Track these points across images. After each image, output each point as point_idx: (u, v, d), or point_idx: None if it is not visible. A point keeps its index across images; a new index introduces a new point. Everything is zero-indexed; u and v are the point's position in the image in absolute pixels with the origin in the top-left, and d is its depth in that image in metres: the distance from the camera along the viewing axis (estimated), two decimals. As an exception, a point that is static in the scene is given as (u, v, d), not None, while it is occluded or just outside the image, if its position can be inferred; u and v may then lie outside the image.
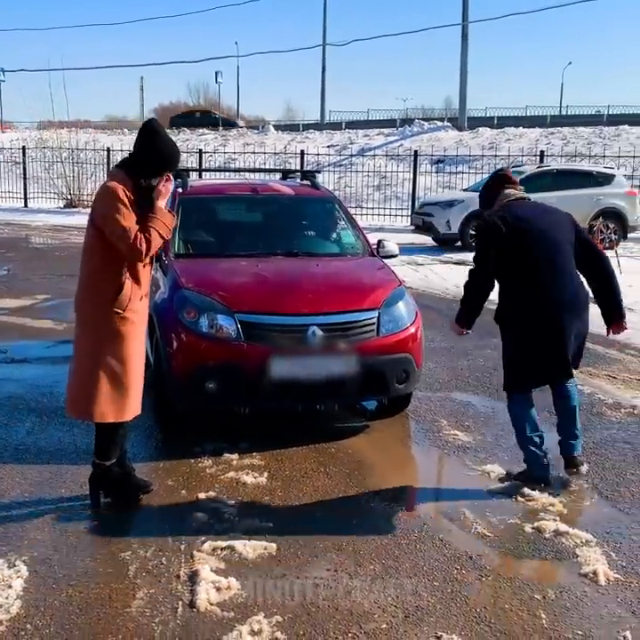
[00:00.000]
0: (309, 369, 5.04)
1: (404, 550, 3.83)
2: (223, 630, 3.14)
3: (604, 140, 27.14)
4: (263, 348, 4.97)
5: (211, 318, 5.07)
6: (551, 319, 4.38)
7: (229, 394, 5.04)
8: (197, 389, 5.00)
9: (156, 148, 3.98)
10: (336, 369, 5.08)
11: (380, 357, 5.16)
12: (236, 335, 5.01)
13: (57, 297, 10.55)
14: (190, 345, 5.07)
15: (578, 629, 3.20)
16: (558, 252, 4.46)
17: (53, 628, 3.16)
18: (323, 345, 5.04)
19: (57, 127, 27.74)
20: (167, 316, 5.27)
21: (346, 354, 5.08)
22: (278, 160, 25.25)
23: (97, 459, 4.25)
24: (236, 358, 4.98)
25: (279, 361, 4.96)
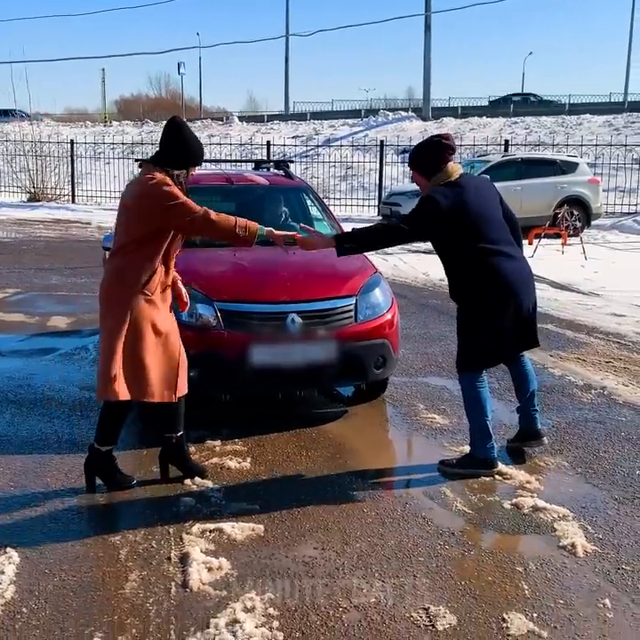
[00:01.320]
0: (289, 356, 5.11)
1: (389, 528, 3.93)
2: (217, 608, 3.21)
3: (566, 128, 27.53)
4: (243, 335, 5.04)
5: (190, 307, 5.10)
6: (509, 290, 4.42)
7: (210, 381, 5.09)
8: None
9: (187, 143, 4.16)
10: (315, 355, 5.16)
11: (357, 343, 5.25)
12: (215, 323, 5.07)
13: (27, 290, 10.51)
14: None
15: (559, 598, 3.32)
16: (501, 224, 4.52)
17: (49, 610, 3.21)
18: (302, 332, 5.12)
19: (19, 120, 27.38)
20: None
21: (324, 340, 5.17)
22: (244, 151, 25.25)
23: (97, 444, 4.30)
24: (216, 346, 5.03)
25: (259, 348, 5.03)
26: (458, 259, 4.48)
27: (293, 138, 28.95)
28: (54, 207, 23.00)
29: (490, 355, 4.60)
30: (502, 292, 4.42)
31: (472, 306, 4.51)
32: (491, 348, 4.54)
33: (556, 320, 8.72)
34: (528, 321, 4.59)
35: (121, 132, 32.78)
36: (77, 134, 29.80)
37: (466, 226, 4.36)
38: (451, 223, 4.33)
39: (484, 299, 4.43)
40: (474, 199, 4.42)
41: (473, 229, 4.38)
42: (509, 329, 4.49)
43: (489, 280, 4.40)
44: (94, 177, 24.14)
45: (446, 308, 9.37)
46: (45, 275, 11.83)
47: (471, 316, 4.54)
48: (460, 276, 4.52)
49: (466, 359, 4.64)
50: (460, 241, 4.40)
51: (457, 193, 4.36)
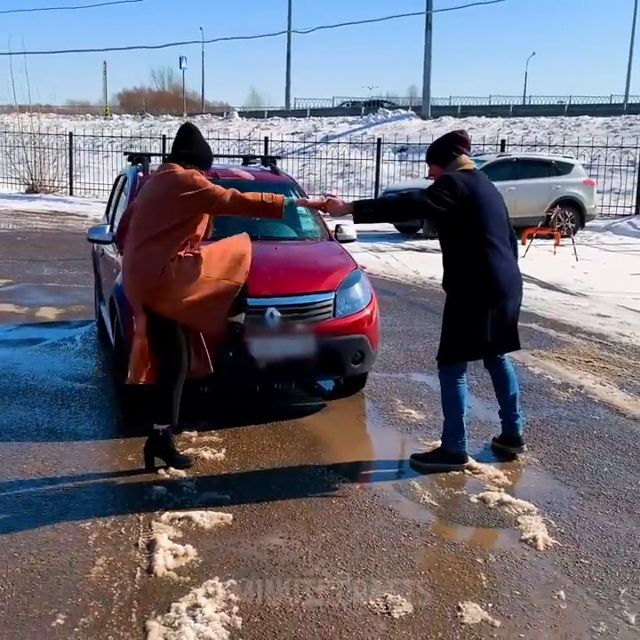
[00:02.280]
0: (267, 349, 5.17)
1: (355, 519, 4.00)
2: (179, 593, 3.28)
3: (564, 129, 27.56)
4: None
5: None
6: (498, 290, 4.49)
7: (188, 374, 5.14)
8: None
9: (207, 146, 4.72)
10: (293, 349, 5.23)
11: (335, 338, 5.32)
12: None
13: (18, 281, 10.58)
14: None
15: (516, 590, 3.40)
16: (503, 223, 4.61)
17: (15, 592, 3.28)
18: (280, 326, 5.18)
19: (18, 112, 27.43)
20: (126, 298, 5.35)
21: (303, 334, 5.23)
22: (242, 147, 25.30)
23: (158, 423, 4.51)
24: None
25: (237, 341, 5.09)
26: (459, 246, 4.55)
27: (292, 134, 29.02)
28: (52, 199, 23.06)
29: (468, 349, 4.65)
30: (492, 287, 4.49)
31: (460, 296, 4.57)
32: (470, 342, 4.59)
33: (541, 319, 8.79)
34: (510, 324, 4.65)
35: (121, 125, 32.85)
36: (77, 127, 29.85)
37: (474, 213, 4.45)
38: (462, 206, 4.40)
39: (474, 290, 4.50)
40: (486, 190, 4.54)
41: (480, 218, 4.46)
42: (491, 327, 4.54)
43: (482, 272, 4.47)
44: (92, 170, 24.19)
45: (433, 306, 9.45)
46: (38, 266, 11.90)
47: (457, 308, 4.61)
48: (456, 263, 4.57)
49: (445, 351, 4.70)
50: (466, 227, 4.47)
51: (471, 180, 4.48)
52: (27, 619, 3.10)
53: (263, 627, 3.08)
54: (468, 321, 4.54)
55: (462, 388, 4.71)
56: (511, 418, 4.89)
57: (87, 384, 6.09)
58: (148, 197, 4.51)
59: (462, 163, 4.57)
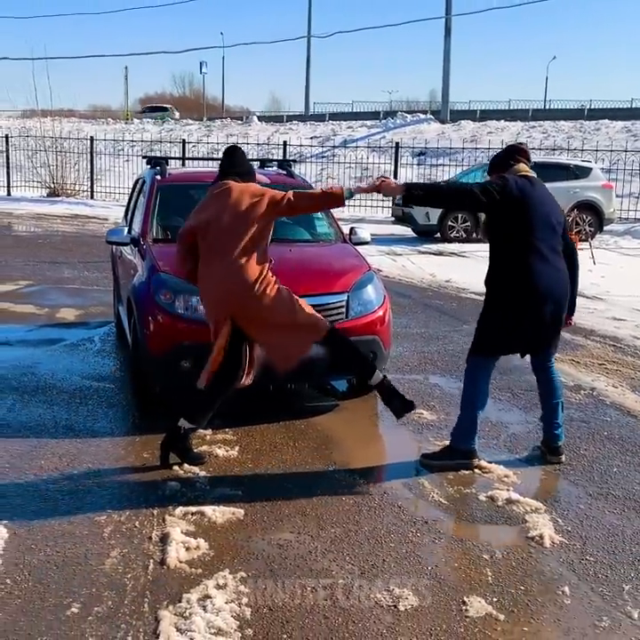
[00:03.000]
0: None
1: (364, 516, 4.07)
2: (190, 584, 3.37)
3: (584, 134, 27.50)
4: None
5: (186, 300, 5.28)
6: (536, 294, 4.51)
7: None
8: (173, 368, 5.21)
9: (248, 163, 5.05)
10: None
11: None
12: None
13: (39, 283, 10.74)
14: (166, 325, 5.29)
15: (520, 585, 3.45)
16: (554, 231, 4.63)
17: (31, 582, 3.38)
18: None
19: (40, 116, 27.75)
20: (144, 297, 5.47)
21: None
22: (261, 151, 25.42)
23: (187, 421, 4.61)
24: (209, 338, 5.17)
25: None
26: (503, 246, 4.61)
27: (311, 138, 29.15)
28: (73, 202, 23.33)
29: (498, 343, 4.68)
30: (529, 290, 4.52)
31: (499, 294, 4.61)
32: (502, 337, 4.63)
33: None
34: (548, 327, 4.65)
35: (141, 129, 33.13)
36: (98, 131, 30.12)
37: (521, 215, 4.49)
38: (507, 205, 4.47)
39: (511, 291, 4.55)
40: (538, 196, 4.58)
41: (527, 221, 4.50)
42: (525, 328, 4.58)
43: (521, 275, 4.52)
44: (113, 173, 24.43)
45: (448, 309, 9.51)
46: (59, 268, 12.07)
47: (494, 304, 4.65)
48: (499, 263, 4.63)
49: (477, 341, 4.75)
50: (511, 228, 4.53)
51: (525, 184, 4.54)
52: (42, 607, 3.20)
53: (271, 617, 3.16)
54: (503, 318, 4.59)
55: (485, 387, 4.77)
56: (552, 427, 4.87)
57: (105, 383, 6.21)
58: (221, 212, 4.59)
59: (520, 170, 4.65)
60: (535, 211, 4.53)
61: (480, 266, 13.18)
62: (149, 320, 5.36)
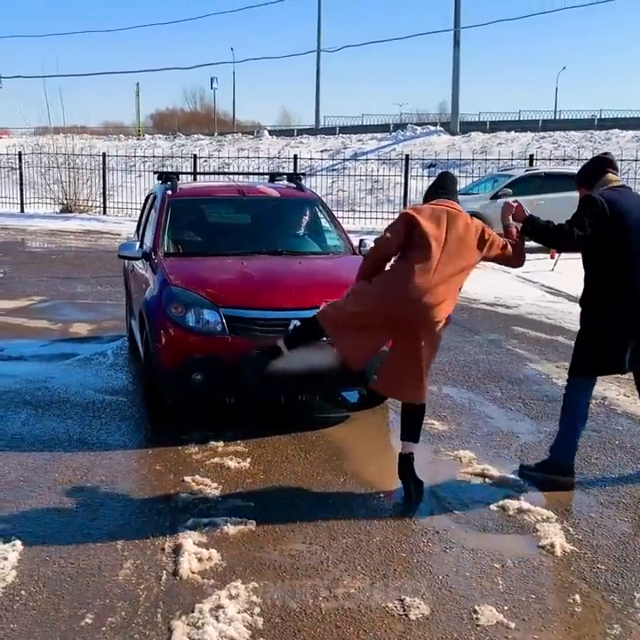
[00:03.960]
0: (291, 361, 5.26)
1: (376, 526, 4.09)
2: (203, 595, 3.40)
3: (594, 143, 27.46)
4: (247, 341, 5.20)
5: (197, 313, 5.32)
6: (633, 310, 4.45)
7: (215, 384, 5.30)
8: (184, 380, 5.25)
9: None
10: (317, 361, 5.28)
11: None
12: (220, 329, 5.26)
13: (52, 298, 10.82)
14: (178, 338, 5.33)
15: (532, 594, 3.46)
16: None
17: (46, 594, 3.42)
18: None
19: (53, 133, 27.99)
20: (156, 311, 5.53)
21: (326, 347, 5.31)
22: (272, 165, 25.58)
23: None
24: (220, 351, 5.23)
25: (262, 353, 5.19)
26: (597, 263, 4.51)
27: (322, 152, 29.26)
28: (86, 218, 23.48)
29: (599, 363, 4.59)
30: (630, 307, 4.45)
31: (597, 313, 4.53)
32: (602, 356, 4.55)
33: (568, 332, 8.79)
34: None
35: (153, 145, 33.37)
36: (110, 147, 30.37)
37: (614, 231, 4.41)
38: (602, 224, 4.38)
39: (611, 308, 4.47)
40: (632, 209, 4.48)
41: (621, 236, 4.42)
42: (622, 346, 4.50)
43: (622, 292, 4.45)
44: (125, 189, 24.58)
45: (459, 320, 9.50)
46: (72, 283, 12.16)
47: (592, 323, 4.57)
48: (597, 280, 4.53)
49: (575, 362, 4.68)
50: (605, 245, 4.44)
51: (614, 198, 4.45)
52: (57, 618, 3.24)
53: (283, 627, 3.18)
54: (603, 337, 4.51)
55: (586, 408, 4.68)
56: None
57: (117, 396, 6.26)
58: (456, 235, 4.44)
59: (608, 180, 4.58)
60: (628, 225, 4.41)
61: (490, 276, 13.20)
62: (161, 333, 5.41)
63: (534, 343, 8.28)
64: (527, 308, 10.39)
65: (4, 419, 5.67)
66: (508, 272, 13.54)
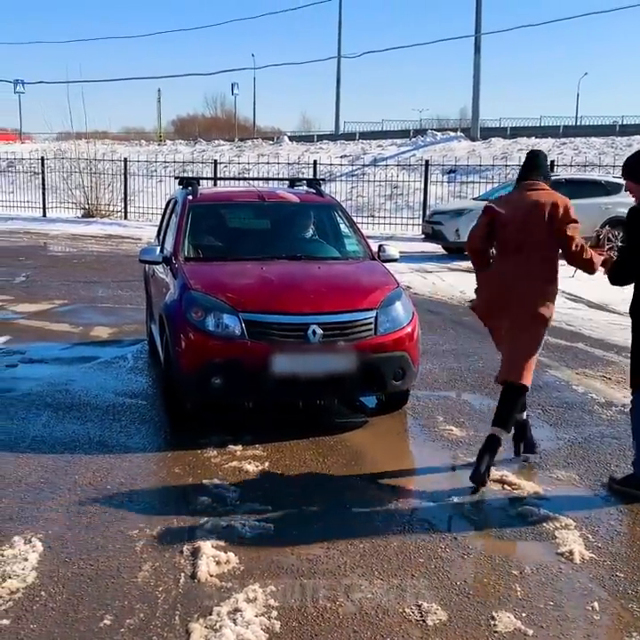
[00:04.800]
0: (309, 366, 5.30)
1: (393, 531, 4.09)
2: (221, 598, 3.41)
3: (615, 150, 27.29)
4: (266, 345, 5.23)
5: (216, 317, 5.35)
6: None
7: (234, 389, 5.32)
8: (204, 384, 5.29)
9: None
10: (335, 366, 5.34)
11: (377, 355, 5.41)
12: (240, 333, 5.28)
13: (73, 302, 10.90)
14: (197, 342, 5.36)
15: (550, 601, 3.45)
16: None
17: (65, 595, 3.45)
18: (322, 343, 5.31)
19: (75, 138, 28.21)
20: (176, 315, 5.57)
21: (344, 352, 5.34)
22: (292, 170, 25.61)
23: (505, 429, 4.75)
24: (240, 355, 5.25)
25: (281, 358, 5.22)
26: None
27: (341, 157, 29.26)
28: (107, 223, 23.65)
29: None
30: None
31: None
32: None
33: (587, 339, 8.77)
34: None
35: (174, 150, 33.53)
36: (132, 152, 30.55)
37: None
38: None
39: None
40: None
41: None
42: None
43: None
44: (147, 194, 24.72)
45: (479, 326, 9.43)
46: (93, 287, 12.25)
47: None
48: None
49: (634, 374, 4.61)
50: None
51: None
52: (76, 619, 3.27)
53: (301, 631, 3.19)
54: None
55: None
56: None
57: (137, 399, 6.30)
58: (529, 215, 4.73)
59: None
60: None
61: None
62: (181, 337, 5.45)
63: (554, 350, 8.23)
64: (547, 314, 10.32)
65: (26, 420, 5.73)
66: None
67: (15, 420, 5.74)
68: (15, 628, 3.19)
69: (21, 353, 7.75)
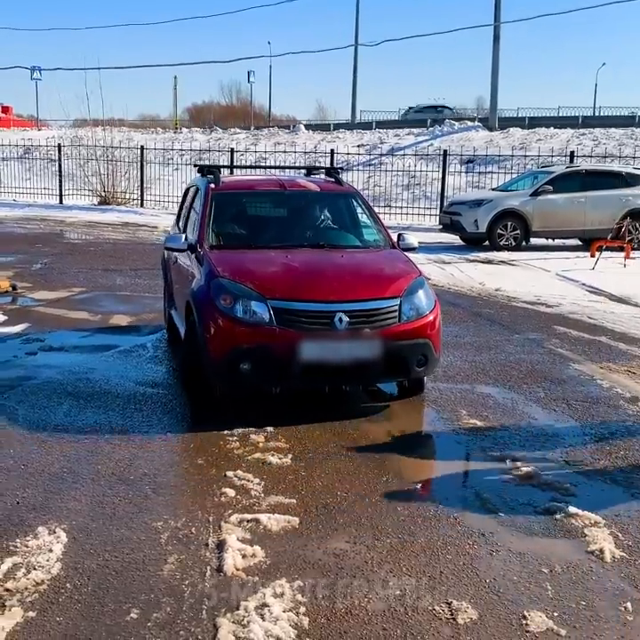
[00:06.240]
0: (336, 352, 5.39)
1: (420, 526, 4.04)
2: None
3: (635, 141, 27.03)
4: (293, 332, 5.32)
5: (245, 304, 5.42)
6: None
7: (262, 374, 5.40)
8: (233, 370, 5.38)
9: None
10: (360, 353, 5.43)
11: (401, 342, 5.51)
12: (268, 320, 5.36)
13: (91, 290, 10.89)
14: (226, 329, 5.44)
15: (581, 600, 3.39)
16: None
17: (91, 587, 3.42)
18: (348, 330, 5.38)
19: (92, 125, 28.19)
20: (204, 302, 5.63)
21: (370, 339, 5.42)
22: (308, 159, 25.49)
23: None
24: (268, 341, 5.33)
25: (308, 344, 5.31)
26: None
27: (358, 146, 29.13)
28: (123, 211, 23.63)
29: None
30: None
31: None
32: None
33: (610, 332, 8.67)
34: None
35: (190, 138, 33.44)
36: (148, 140, 30.48)
37: None
38: None
39: None
40: None
41: None
42: None
43: None
44: (163, 182, 24.69)
45: (499, 318, 9.41)
46: (110, 275, 12.23)
47: None
48: None
49: None
50: None
51: None
52: (102, 612, 3.23)
53: (329, 627, 3.14)
54: None
55: None
56: None
57: (158, 389, 6.26)
58: None
59: None
60: None
61: (529, 274, 13.04)
62: (210, 324, 5.51)
63: (577, 343, 8.15)
64: (568, 307, 10.24)
65: (47, 409, 5.70)
66: (548, 270, 13.45)
67: (36, 408, 5.72)
68: (41, 620, 3.17)
69: (41, 341, 7.74)
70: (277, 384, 5.64)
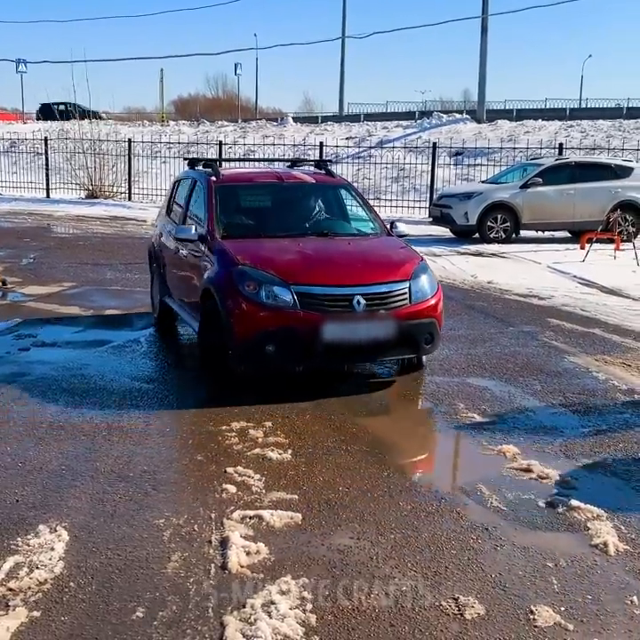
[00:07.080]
0: (354, 332, 5.78)
1: (423, 522, 4.03)
2: (254, 590, 3.35)
3: (623, 133, 27.10)
4: (316, 315, 5.70)
5: (268, 290, 5.74)
6: None
7: (286, 355, 5.79)
8: (258, 352, 5.74)
9: None
10: (377, 332, 5.84)
11: (412, 322, 5.94)
12: (292, 304, 5.66)
13: (82, 284, 10.82)
14: (252, 313, 5.77)
15: (587, 594, 3.39)
16: None
17: (95, 586, 3.39)
18: (365, 312, 5.80)
19: (79, 118, 27.97)
20: (228, 289, 5.89)
21: (385, 319, 5.85)
22: (297, 152, 25.39)
23: None
24: (292, 324, 5.67)
25: (329, 326, 5.67)
26: None
27: (347, 139, 29.05)
28: (111, 204, 23.47)
29: None
30: None
31: None
32: None
33: (603, 324, 8.69)
34: None
35: (177, 131, 33.26)
36: (135, 133, 30.29)
37: None
38: None
39: None
40: None
41: None
42: None
43: None
44: (151, 175, 24.54)
45: (492, 311, 9.41)
46: (100, 270, 12.16)
47: None
48: None
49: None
50: None
51: None
52: (107, 611, 3.20)
53: (337, 625, 3.13)
54: None
55: None
56: None
57: (154, 384, 6.23)
58: None
59: None
60: None
61: (520, 266, 13.04)
62: (235, 310, 5.82)
63: (571, 335, 8.16)
64: (561, 299, 10.25)
65: (42, 406, 5.66)
66: (539, 263, 13.46)
67: (32, 405, 5.68)
68: (46, 620, 3.14)
69: (33, 336, 7.68)
70: (300, 364, 6.12)
